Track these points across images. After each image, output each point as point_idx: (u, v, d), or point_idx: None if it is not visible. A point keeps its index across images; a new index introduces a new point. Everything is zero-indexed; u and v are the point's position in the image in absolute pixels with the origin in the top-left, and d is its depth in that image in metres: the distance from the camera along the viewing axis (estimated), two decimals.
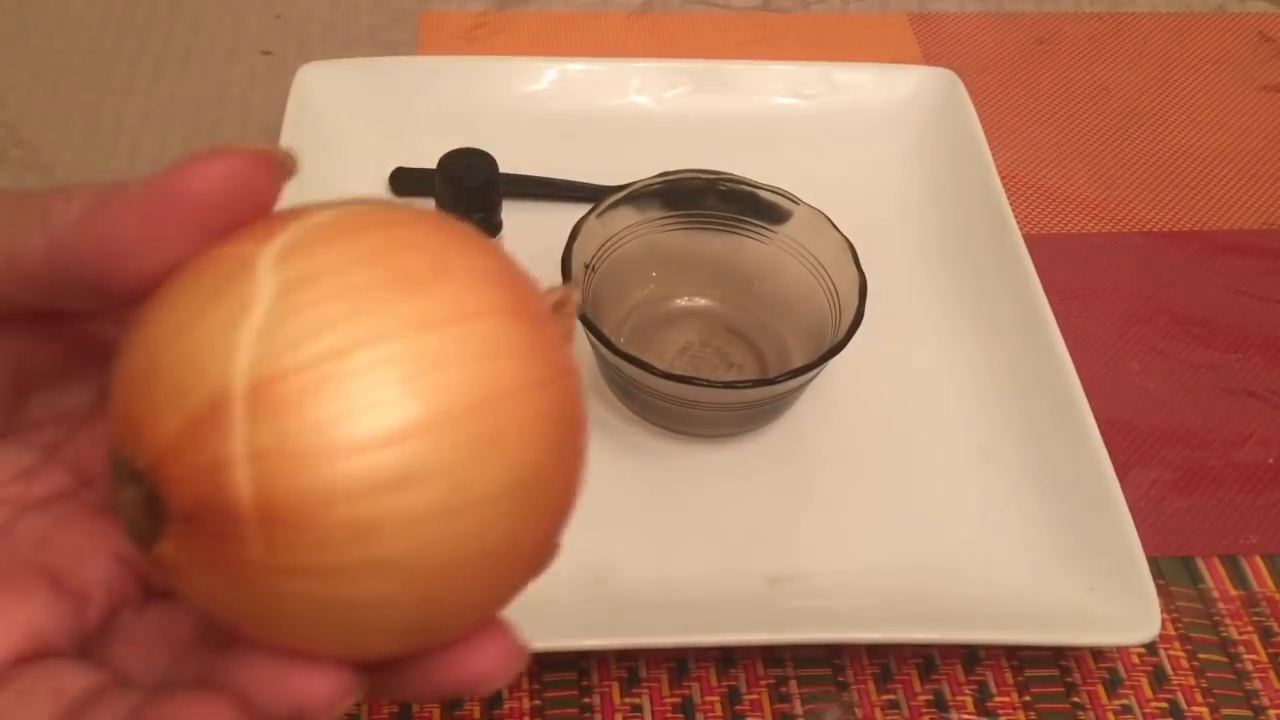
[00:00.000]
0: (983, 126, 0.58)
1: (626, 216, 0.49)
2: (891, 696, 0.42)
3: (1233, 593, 0.46)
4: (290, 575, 0.19)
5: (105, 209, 0.20)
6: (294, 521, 0.18)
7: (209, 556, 0.19)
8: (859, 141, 0.59)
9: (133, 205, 0.20)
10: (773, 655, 0.43)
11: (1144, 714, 0.43)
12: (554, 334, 0.21)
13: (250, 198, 0.20)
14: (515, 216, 0.51)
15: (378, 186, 0.56)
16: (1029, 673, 0.43)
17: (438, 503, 0.19)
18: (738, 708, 0.42)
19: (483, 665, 0.21)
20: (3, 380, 0.23)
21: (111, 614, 0.23)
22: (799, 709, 0.42)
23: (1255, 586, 0.46)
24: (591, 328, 0.44)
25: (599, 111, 0.59)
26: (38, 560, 0.23)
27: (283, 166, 0.21)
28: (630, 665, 0.43)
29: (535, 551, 0.21)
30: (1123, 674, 0.44)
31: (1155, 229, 0.60)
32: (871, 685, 0.43)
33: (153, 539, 0.19)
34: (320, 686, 0.20)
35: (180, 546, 0.19)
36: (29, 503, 0.23)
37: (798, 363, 0.47)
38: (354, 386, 0.18)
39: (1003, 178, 0.56)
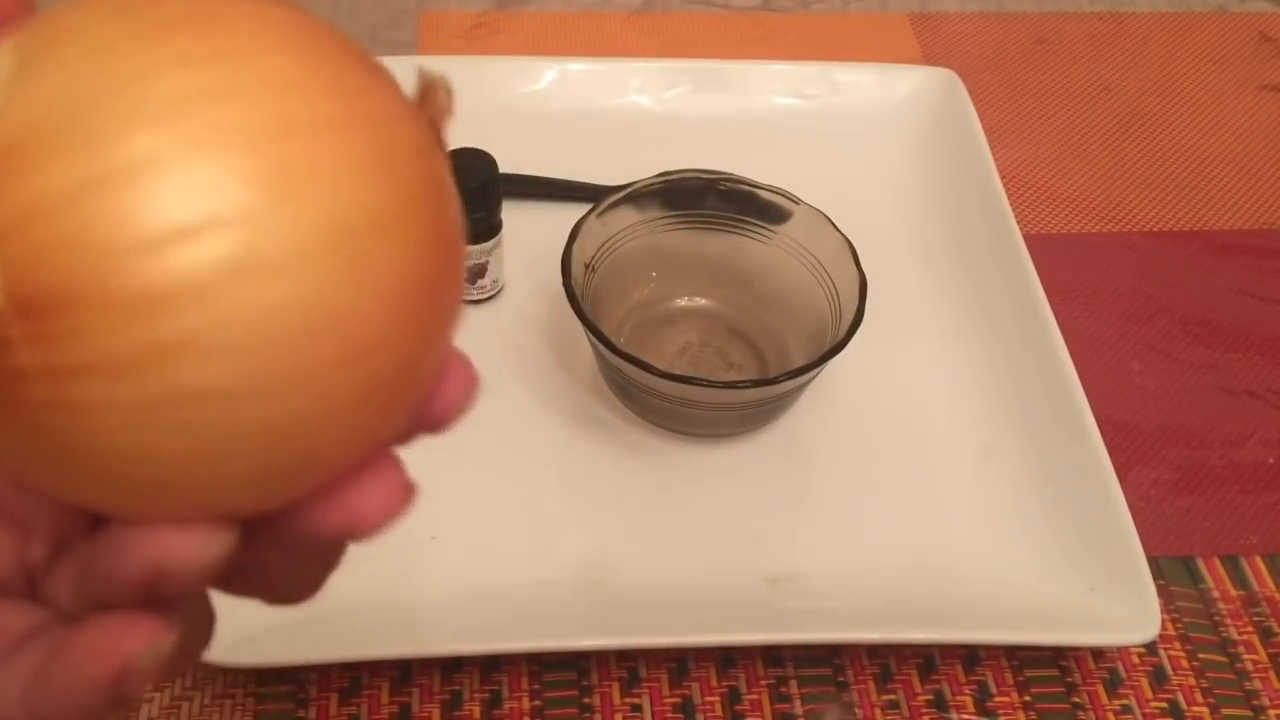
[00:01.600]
0: (983, 126, 0.58)
1: (626, 216, 0.49)
2: (891, 696, 0.42)
3: (1233, 593, 0.46)
4: (72, 376, 0.15)
5: None
6: (54, 303, 0.15)
7: None
8: (859, 141, 0.59)
9: None
10: (773, 655, 0.43)
11: (1144, 714, 0.43)
12: (380, 83, 0.18)
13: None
14: (515, 216, 0.51)
15: None
16: (1029, 673, 0.43)
17: (235, 255, 0.15)
18: (738, 708, 0.42)
19: (361, 504, 0.19)
20: None
21: (59, 546, 0.21)
22: (799, 709, 0.42)
23: (1255, 586, 0.46)
24: (591, 327, 0.44)
25: (599, 111, 0.59)
26: None
27: None
28: (630, 665, 0.43)
29: (402, 334, 0.17)
30: (1123, 674, 0.44)
31: (1155, 229, 0.60)
32: (871, 685, 0.43)
33: None
34: (173, 538, 0.17)
35: None
36: None
37: (798, 363, 0.47)
38: (105, 134, 0.15)
39: (1003, 178, 0.56)
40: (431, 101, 0.19)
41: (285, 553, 0.20)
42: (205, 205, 0.15)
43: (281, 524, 0.19)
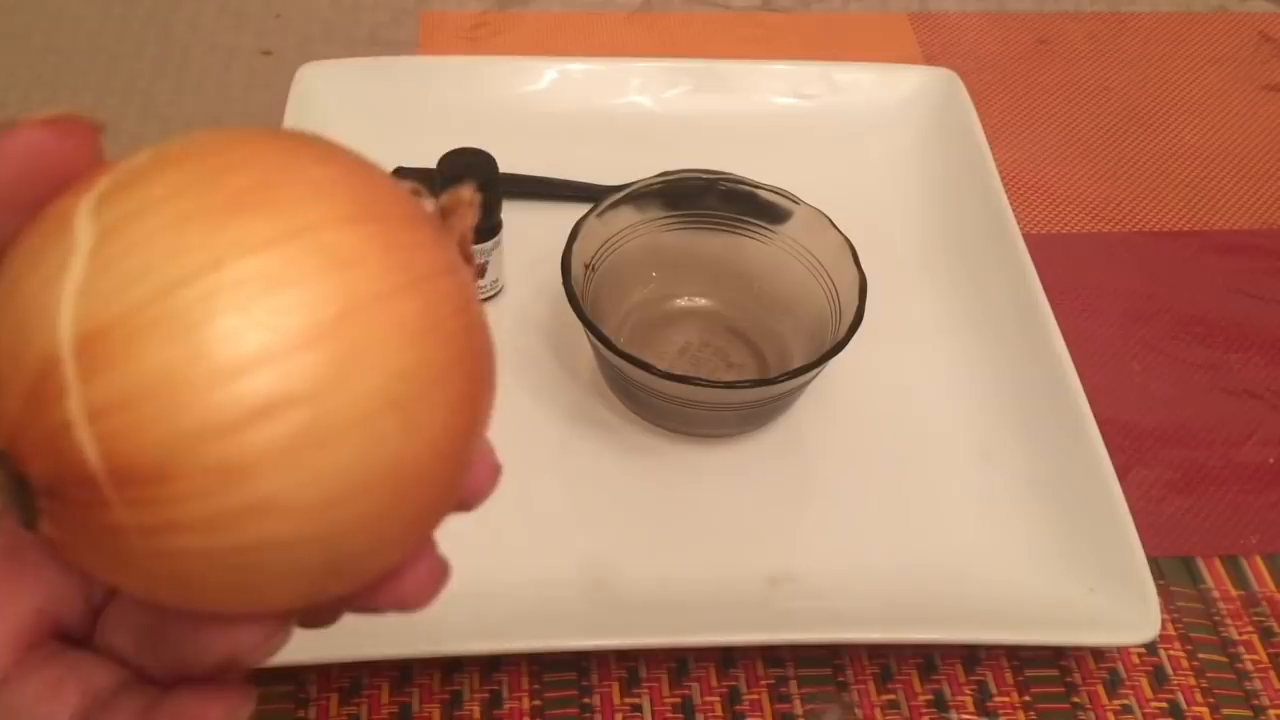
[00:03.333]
0: (983, 126, 0.58)
1: (626, 216, 0.49)
2: (892, 696, 0.42)
3: (1233, 593, 0.46)
4: (162, 533, 0.17)
5: None
6: (148, 475, 0.17)
7: (82, 529, 0.18)
8: (859, 141, 0.59)
9: None
10: (773, 655, 0.43)
11: (1144, 714, 0.43)
12: (420, 237, 0.20)
13: (64, 163, 0.19)
14: (515, 216, 0.51)
15: None
16: (1029, 673, 0.43)
17: (305, 430, 0.17)
18: (738, 708, 0.42)
19: (405, 591, 0.22)
20: None
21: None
22: (799, 709, 0.42)
23: (1255, 586, 0.46)
24: (591, 327, 0.44)
25: (599, 111, 0.59)
26: None
27: (89, 125, 0.20)
28: (630, 665, 0.43)
29: (442, 468, 0.20)
30: (1123, 674, 0.44)
31: (1155, 229, 0.60)
32: (872, 685, 0.43)
33: (34, 520, 0.18)
34: (244, 635, 0.20)
35: (55, 524, 0.18)
36: None
37: (798, 363, 0.47)
38: (187, 321, 0.17)
39: (1003, 177, 0.56)
40: (454, 215, 0.21)
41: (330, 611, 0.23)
42: (275, 386, 0.17)
43: (334, 601, 0.21)
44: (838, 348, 0.44)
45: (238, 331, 0.17)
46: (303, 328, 0.17)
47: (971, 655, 0.44)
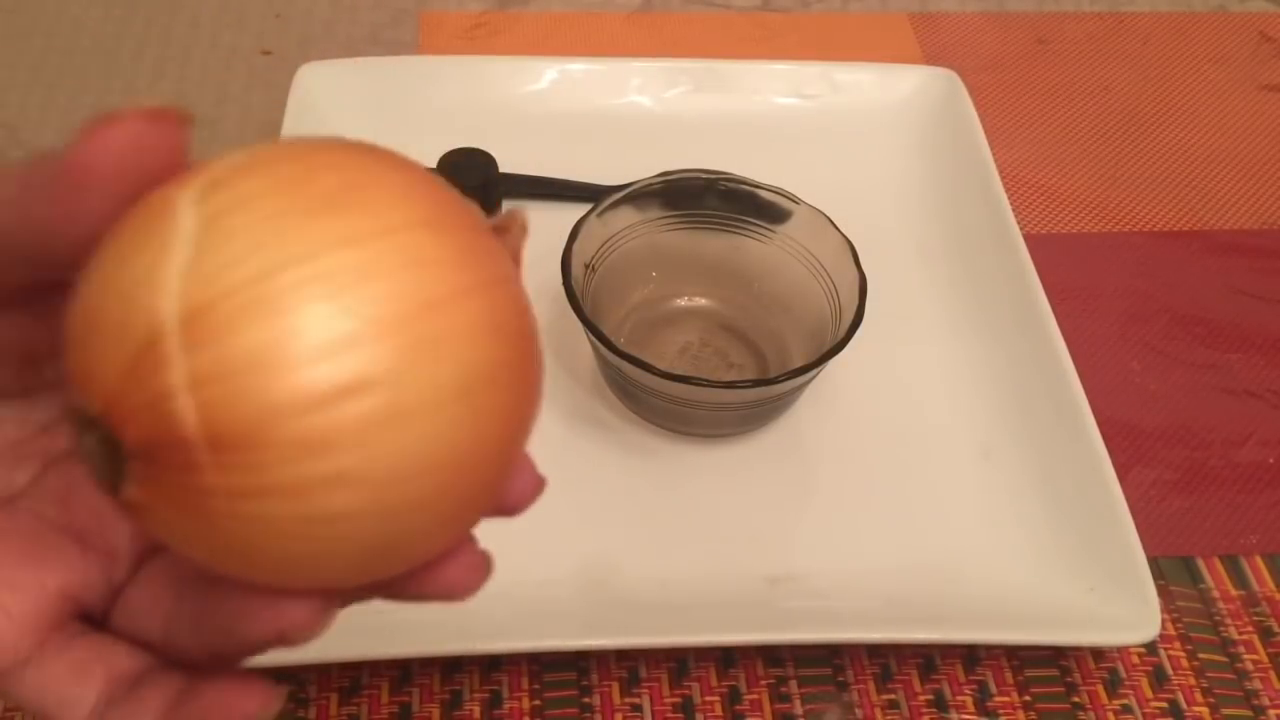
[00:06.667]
0: (983, 126, 0.58)
1: (626, 216, 0.49)
2: (892, 696, 0.42)
3: (1233, 593, 0.46)
4: (247, 497, 0.19)
5: (27, 191, 0.20)
6: (241, 442, 0.19)
7: (169, 491, 0.19)
8: (859, 141, 0.59)
9: (48, 186, 0.20)
10: (773, 655, 0.43)
11: (1144, 714, 0.43)
12: (487, 244, 0.22)
13: (160, 155, 0.20)
14: None
15: None
16: (1029, 673, 0.43)
17: (383, 410, 0.19)
18: (738, 708, 0.42)
19: (451, 578, 0.22)
20: (13, 351, 0.24)
21: (138, 563, 0.24)
22: (799, 709, 0.42)
23: (1255, 586, 0.46)
24: (591, 327, 0.44)
25: (599, 111, 0.59)
26: (64, 519, 0.23)
27: (183, 119, 0.21)
28: (630, 665, 0.43)
29: (495, 461, 0.22)
30: (1123, 674, 0.44)
31: (1155, 229, 0.60)
32: (871, 685, 0.43)
33: (118, 483, 0.20)
34: (295, 612, 0.21)
35: (142, 486, 0.20)
36: (55, 455, 0.24)
37: (798, 363, 0.47)
38: (284, 305, 0.19)
39: (1003, 177, 0.56)
40: (509, 233, 0.23)
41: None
42: (360, 369, 0.19)
43: (382, 585, 0.22)
44: (838, 348, 0.44)
45: (327, 317, 0.19)
46: (385, 317, 0.19)
47: (971, 655, 0.44)
